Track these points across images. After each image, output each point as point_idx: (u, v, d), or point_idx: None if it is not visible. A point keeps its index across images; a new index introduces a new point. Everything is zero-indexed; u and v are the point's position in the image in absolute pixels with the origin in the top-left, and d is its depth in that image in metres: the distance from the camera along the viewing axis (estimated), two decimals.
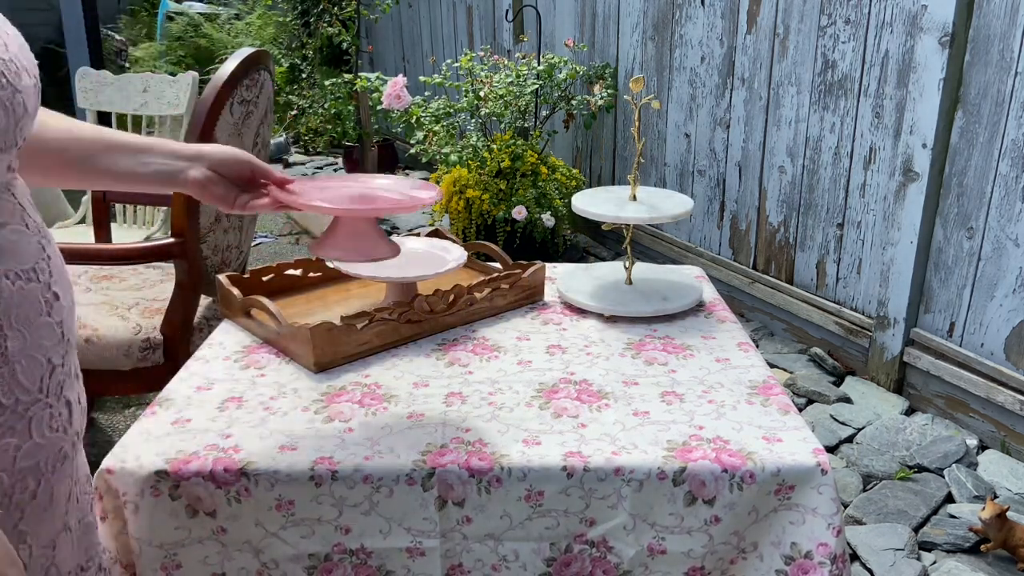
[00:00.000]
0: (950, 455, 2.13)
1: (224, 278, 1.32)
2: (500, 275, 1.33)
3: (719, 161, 3.10)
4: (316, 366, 1.13)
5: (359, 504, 0.91)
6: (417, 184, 1.05)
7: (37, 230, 0.65)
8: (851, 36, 2.47)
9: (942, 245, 2.31)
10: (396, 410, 1.03)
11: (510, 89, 3.45)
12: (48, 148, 0.82)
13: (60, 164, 0.84)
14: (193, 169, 0.89)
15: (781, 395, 1.07)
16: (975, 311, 2.24)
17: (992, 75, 2.09)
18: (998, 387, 2.18)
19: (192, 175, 0.89)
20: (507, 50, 4.37)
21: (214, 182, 0.90)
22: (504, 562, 0.93)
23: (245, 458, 0.92)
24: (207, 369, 1.15)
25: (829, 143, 2.62)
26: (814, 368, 2.67)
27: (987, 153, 2.13)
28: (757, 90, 2.85)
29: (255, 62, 1.70)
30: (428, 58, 5.35)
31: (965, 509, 1.94)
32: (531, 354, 1.19)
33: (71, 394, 0.67)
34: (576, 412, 1.03)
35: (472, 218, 3.38)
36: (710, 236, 3.22)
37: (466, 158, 3.46)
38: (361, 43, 4.79)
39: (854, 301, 2.65)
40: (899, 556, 1.77)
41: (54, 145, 0.83)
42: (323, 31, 4.97)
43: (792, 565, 0.92)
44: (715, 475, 0.91)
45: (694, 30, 3.08)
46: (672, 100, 3.27)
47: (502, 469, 0.90)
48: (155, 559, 0.92)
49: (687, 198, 1.38)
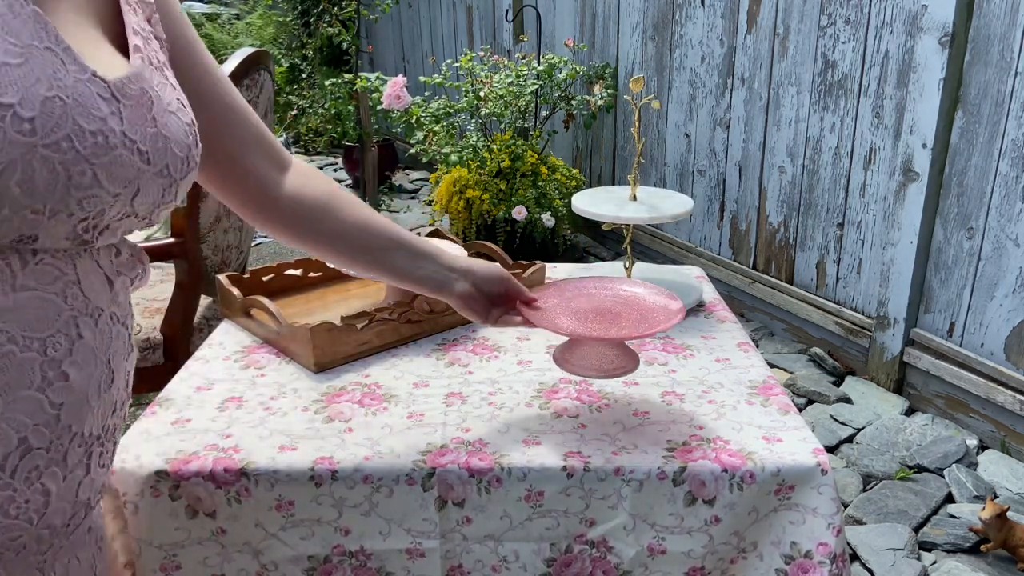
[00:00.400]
0: (950, 455, 2.13)
1: (224, 278, 1.32)
2: None
3: (719, 161, 3.10)
4: (316, 366, 1.13)
5: (359, 504, 0.91)
6: (662, 292, 1.04)
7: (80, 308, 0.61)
8: (851, 36, 2.47)
9: (942, 245, 2.31)
10: (396, 410, 1.03)
11: (510, 89, 3.45)
12: (345, 235, 0.90)
13: (352, 250, 0.91)
14: (460, 283, 0.95)
15: (781, 395, 1.07)
16: (975, 311, 2.24)
17: (992, 75, 2.09)
18: (998, 387, 2.18)
19: (459, 288, 0.95)
20: (507, 50, 4.37)
21: (475, 297, 0.96)
22: (504, 563, 0.93)
23: (245, 458, 0.92)
24: (207, 369, 1.15)
25: (829, 143, 2.62)
26: (814, 368, 2.67)
27: (987, 153, 2.13)
28: (757, 90, 2.85)
29: (255, 62, 1.70)
30: (428, 58, 5.35)
31: (965, 509, 1.94)
32: (531, 354, 1.19)
33: (54, 485, 0.60)
34: (576, 412, 1.02)
35: (472, 218, 3.38)
36: (710, 236, 3.22)
37: (466, 158, 3.46)
38: (361, 43, 4.79)
39: (854, 301, 2.65)
40: (899, 556, 1.77)
41: (352, 233, 0.90)
42: (323, 31, 4.97)
43: (792, 565, 0.92)
44: (715, 475, 0.91)
45: (694, 30, 3.08)
46: (672, 100, 3.27)
47: (502, 469, 0.90)
48: (155, 560, 0.92)
49: (687, 198, 1.38)
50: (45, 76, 0.54)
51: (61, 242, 0.59)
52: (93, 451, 0.64)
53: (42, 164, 0.53)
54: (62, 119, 0.54)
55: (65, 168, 0.55)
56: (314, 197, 0.88)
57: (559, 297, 1.03)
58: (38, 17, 0.55)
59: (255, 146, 0.85)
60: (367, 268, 0.94)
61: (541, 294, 1.02)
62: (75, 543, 0.67)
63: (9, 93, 0.51)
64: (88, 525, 0.69)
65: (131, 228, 0.66)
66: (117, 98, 0.60)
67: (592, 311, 1.00)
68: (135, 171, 0.61)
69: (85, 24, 0.64)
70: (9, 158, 0.51)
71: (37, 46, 0.54)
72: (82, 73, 0.57)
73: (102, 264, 0.64)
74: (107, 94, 0.59)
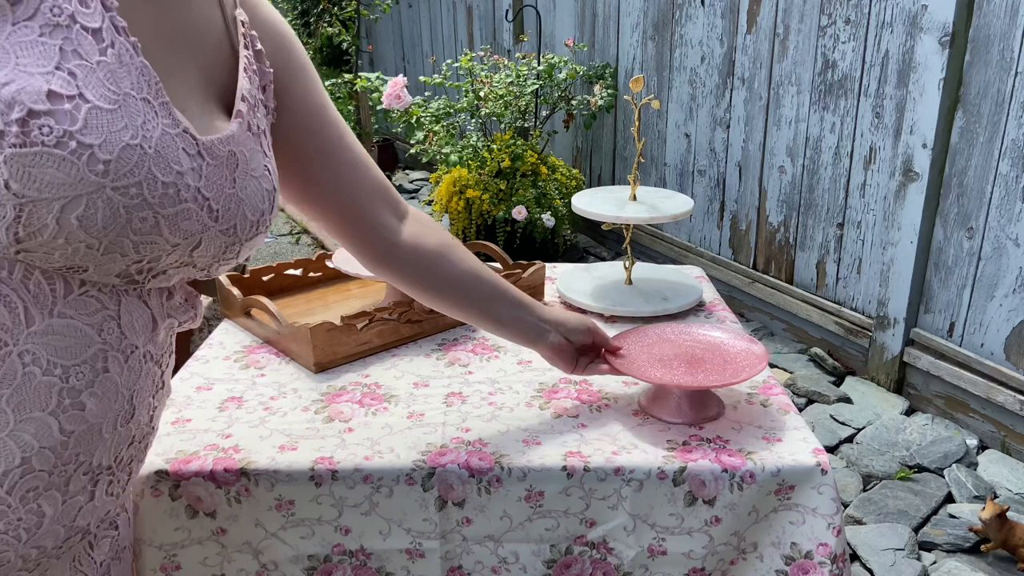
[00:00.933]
0: (950, 455, 2.13)
1: (224, 278, 1.32)
2: (500, 275, 1.33)
3: (719, 161, 3.10)
4: (316, 366, 1.13)
5: (359, 504, 0.91)
6: (741, 335, 1.07)
7: (113, 343, 0.61)
8: (851, 36, 2.47)
9: (942, 245, 2.31)
10: (396, 410, 1.03)
11: (510, 89, 3.45)
12: (459, 283, 0.94)
13: (464, 298, 0.95)
14: (552, 335, 0.98)
15: (781, 395, 1.07)
16: (975, 311, 2.24)
17: (992, 75, 2.09)
18: (998, 387, 2.18)
19: (551, 340, 0.98)
20: (507, 50, 4.37)
21: (564, 349, 0.99)
22: (504, 564, 0.93)
23: (245, 458, 0.91)
24: (207, 369, 1.15)
25: (829, 143, 2.62)
26: (814, 368, 2.67)
27: (987, 153, 2.13)
28: (757, 90, 2.85)
29: None
30: (428, 58, 5.35)
31: (965, 509, 1.94)
32: (531, 354, 1.19)
33: (51, 508, 0.60)
34: (576, 412, 1.02)
35: (472, 218, 3.38)
36: (710, 236, 3.22)
37: (466, 158, 3.46)
38: (361, 43, 4.79)
39: (854, 301, 2.65)
40: (899, 556, 1.77)
41: (465, 282, 0.94)
42: (323, 31, 4.97)
43: (792, 565, 0.92)
44: (715, 475, 0.90)
45: (694, 30, 3.08)
46: (672, 100, 3.27)
47: (502, 469, 0.90)
48: (155, 560, 0.92)
49: (687, 198, 1.38)
50: (133, 124, 0.56)
51: (111, 278, 0.60)
52: (100, 480, 0.64)
53: (106, 204, 0.55)
54: (138, 167, 0.56)
55: (127, 212, 0.56)
56: (431, 246, 0.92)
57: (641, 343, 1.06)
58: (144, 70, 0.58)
59: (377, 196, 0.89)
60: (476, 317, 0.97)
61: (622, 341, 1.05)
62: (63, 565, 0.66)
63: (93, 135, 0.53)
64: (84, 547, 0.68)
65: (188, 276, 0.67)
66: (203, 155, 0.62)
67: (675, 357, 1.03)
68: (200, 226, 0.62)
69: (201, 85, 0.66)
70: (76, 193, 0.53)
71: (134, 96, 0.56)
72: (173, 128, 0.59)
73: (150, 304, 0.65)
74: (193, 151, 0.61)
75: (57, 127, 0.51)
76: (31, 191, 0.51)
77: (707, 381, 0.97)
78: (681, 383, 0.97)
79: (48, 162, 0.51)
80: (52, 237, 0.54)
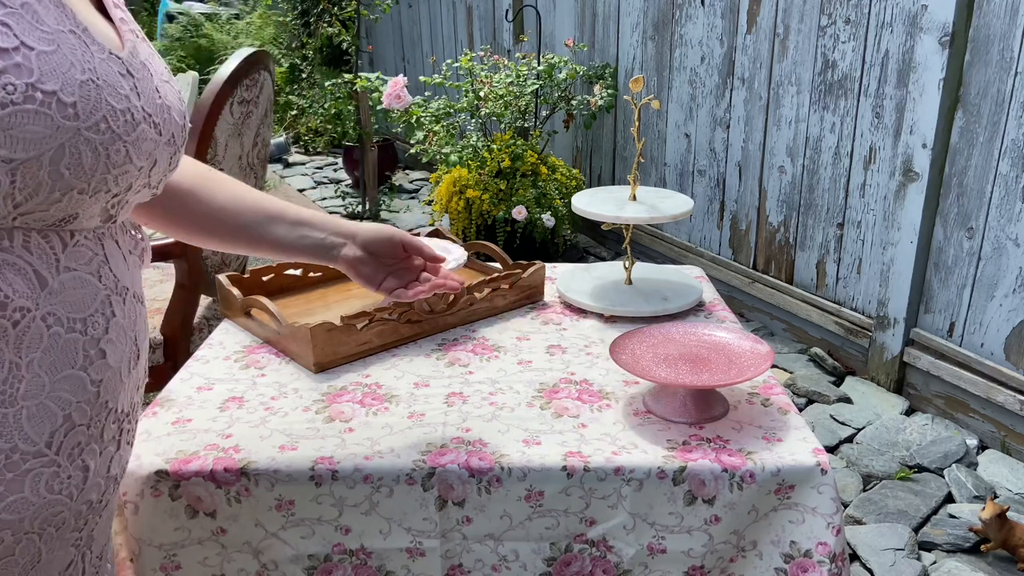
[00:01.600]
0: (950, 455, 2.13)
1: (224, 278, 1.32)
2: (500, 275, 1.33)
3: (719, 161, 3.10)
4: (316, 366, 1.13)
5: (359, 504, 0.91)
6: (746, 336, 1.07)
7: (111, 286, 0.62)
8: (851, 36, 2.47)
9: (942, 245, 2.31)
10: (396, 410, 1.03)
11: (510, 89, 3.45)
12: (219, 213, 0.87)
13: (229, 230, 0.88)
14: (347, 247, 0.93)
15: (781, 395, 1.07)
16: (975, 311, 2.24)
17: (992, 75, 2.09)
18: (998, 387, 2.18)
19: (344, 253, 0.93)
20: (507, 50, 4.37)
21: (363, 261, 0.94)
22: (504, 562, 0.93)
23: (245, 458, 0.92)
24: (207, 369, 1.15)
25: (829, 143, 2.62)
26: (814, 368, 2.67)
27: (987, 153, 2.13)
28: (757, 90, 2.85)
29: (255, 62, 1.70)
30: (428, 58, 5.35)
31: (965, 509, 1.94)
32: (531, 354, 1.19)
33: (92, 461, 0.62)
34: (576, 412, 1.03)
35: (472, 218, 3.38)
36: (710, 236, 3.22)
37: (466, 158, 3.46)
38: (361, 43, 4.79)
39: (854, 301, 2.65)
40: (899, 556, 1.77)
41: (227, 211, 0.87)
42: (323, 31, 4.97)
43: (791, 563, 0.92)
44: (715, 475, 0.91)
45: (694, 30, 3.08)
46: (672, 100, 3.27)
47: (502, 469, 0.90)
48: (155, 560, 0.92)
49: (687, 198, 1.38)
50: (76, 60, 0.55)
51: (94, 221, 0.60)
52: (124, 427, 0.67)
53: (86, 146, 0.55)
54: (97, 101, 0.56)
55: (104, 148, 0.56)
56: (179, 181, 0.86)
57: (646, 343, 1.06)
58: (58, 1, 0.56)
59: None
60: (250, 247, 0.91)
61: (628, 340, 1.05)
62: (106, 521, 0.69)
63: (50, 80, 0.52)
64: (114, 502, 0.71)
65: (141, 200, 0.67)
66: (131, 73, 0.61)
67: (680, 357, 1.04)
68: (153, 143, 0.62)
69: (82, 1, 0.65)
70: (58, 143, 0.53)
71: (63, 31, 0.55)
72: (102, 53, 0.58)
73: (120, 243, 0.66)
74: (123, 71, 0.60)
75: (18, 82, 0.50)
76: (19, 152, 0.51)
77: (712, 380, 0.98)
78: (686, 382, 0.98)
79: (25, 119, 0.50)
80: (48, 193, 0.54)
